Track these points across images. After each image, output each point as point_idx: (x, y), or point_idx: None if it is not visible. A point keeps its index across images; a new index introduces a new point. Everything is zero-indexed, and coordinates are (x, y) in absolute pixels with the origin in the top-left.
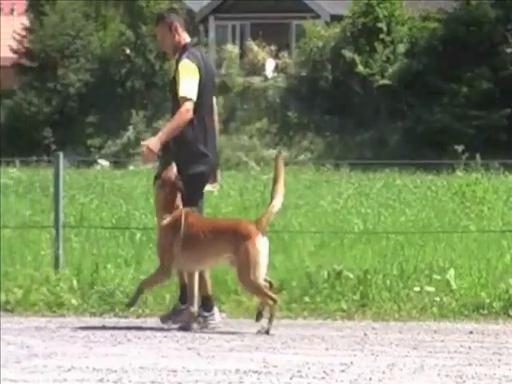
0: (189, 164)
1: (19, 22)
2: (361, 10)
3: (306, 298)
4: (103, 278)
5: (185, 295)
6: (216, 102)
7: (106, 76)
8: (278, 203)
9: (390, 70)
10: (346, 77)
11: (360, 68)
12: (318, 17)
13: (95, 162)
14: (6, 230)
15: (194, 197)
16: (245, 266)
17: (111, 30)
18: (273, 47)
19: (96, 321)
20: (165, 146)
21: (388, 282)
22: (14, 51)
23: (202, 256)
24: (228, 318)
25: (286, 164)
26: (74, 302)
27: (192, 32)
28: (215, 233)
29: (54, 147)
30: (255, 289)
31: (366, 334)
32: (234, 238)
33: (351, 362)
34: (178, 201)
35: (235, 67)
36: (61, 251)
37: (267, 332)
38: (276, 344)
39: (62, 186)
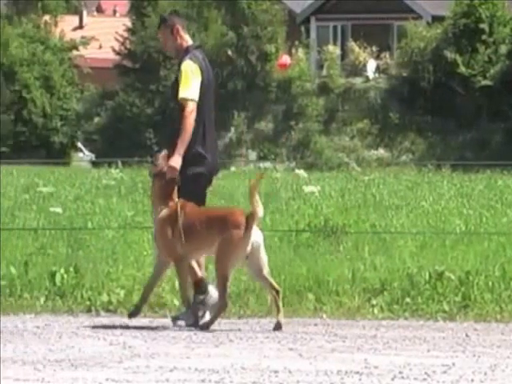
0: (187, 165)
1: (121, 23)
2: (462, 10)
3: (408, 299)
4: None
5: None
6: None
7: None
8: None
9: (492, 71)
10: (448, 77)
11: (461, 69)
12: (419, 17)
13: None
14: (109, 230)
15: (192, 197)
16: (224, 252)
17: (213, 31)
18: (374, 48)
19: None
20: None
21: (490, 283)
22: (117, 52)
23: (199, 245)
24: (329, 318)
25: (388, 165)
26: (175, 302)
27: (293, 33)
28: (209, 222)
29: (155, 148)
30: (223, 278)
31: (467, 336)
32: (225, 226)
33: (453, 364)
34: (174, 193)
35: (336, 68)
36: None
37: (204, 327)
38: (378, 345)
39: None
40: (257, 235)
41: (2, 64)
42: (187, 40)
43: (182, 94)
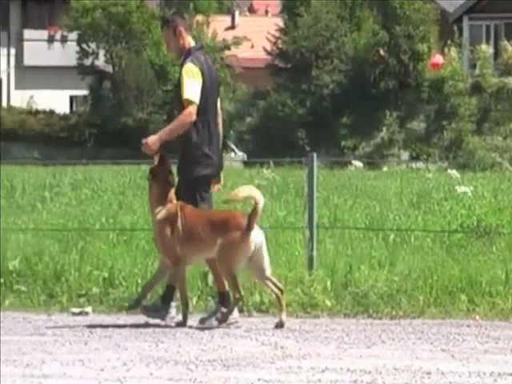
0: (194, 166)
1: (273, 22)
2: None
3: None
4: (357, 279)
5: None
6: (221, 106)
7: (359, 77)
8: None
9: None
10: None
11: None
12: None
13: (349, 162)
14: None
15: (196, 198)
16: (228, 253)
17: (365, 30)
18: None
19: (350, 322)
20: (161, 145)
21: None
22: (268, 52)
23: (200, 248)
24: (482, 320)
25: None
26: (327, 303)
27: (445, 32)
28: (210, 225)
29: (307, 148)
30: (229, 277)
31: None
32: (226, 229)
33: None
34: (172, 194)
35: (489, 67)
36: (315, 252)
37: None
38: None
39: (316, 187)
40: (258, 236)
41: (155, 64)
42: (189, 41)
43: (185, 95)
